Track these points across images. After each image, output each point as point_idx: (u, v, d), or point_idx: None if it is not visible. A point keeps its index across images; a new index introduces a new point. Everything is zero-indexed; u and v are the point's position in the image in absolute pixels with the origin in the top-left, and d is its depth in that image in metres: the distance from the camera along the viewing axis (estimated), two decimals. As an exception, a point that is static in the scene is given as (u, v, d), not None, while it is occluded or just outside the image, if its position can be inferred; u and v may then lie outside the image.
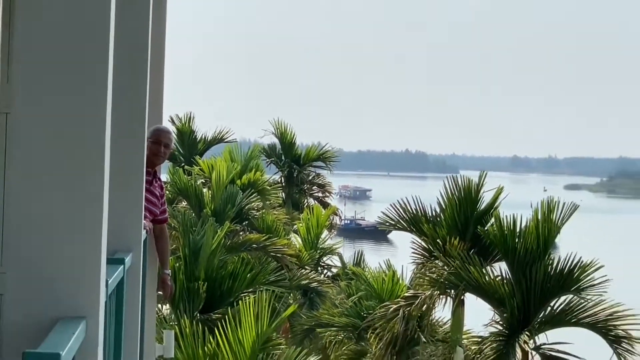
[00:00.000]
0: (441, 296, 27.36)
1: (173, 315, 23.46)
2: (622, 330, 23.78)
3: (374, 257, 39.50)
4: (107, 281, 5.27)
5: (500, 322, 24.73)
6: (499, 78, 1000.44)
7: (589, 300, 24.28)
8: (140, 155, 8.04)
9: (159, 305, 20.03)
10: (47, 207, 4.81)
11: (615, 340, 23.77)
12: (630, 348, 23.57)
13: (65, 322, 4.63)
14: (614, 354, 23.56)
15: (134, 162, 7.87)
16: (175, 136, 40.40)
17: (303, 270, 35.56)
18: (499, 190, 28.35)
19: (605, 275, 24.51)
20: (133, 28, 7.60)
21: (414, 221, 28.80)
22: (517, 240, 24.94)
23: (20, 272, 4.84)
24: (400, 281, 30.51)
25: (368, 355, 28.49)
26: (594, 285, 24.27)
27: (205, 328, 21.44)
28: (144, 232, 8.50)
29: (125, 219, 7.36)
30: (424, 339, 28.66)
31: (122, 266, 6.74)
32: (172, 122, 40.89)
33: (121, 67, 5.39)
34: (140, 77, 7.96)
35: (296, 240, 38.18)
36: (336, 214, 46.80)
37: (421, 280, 28.08)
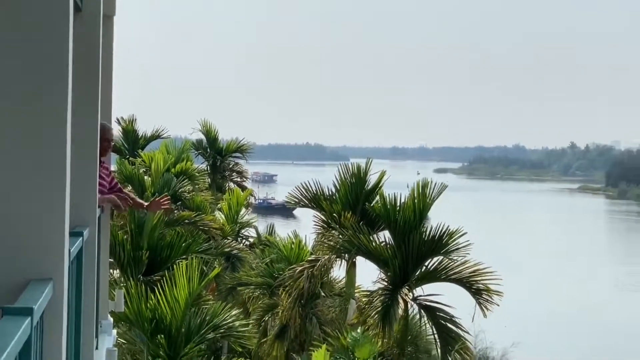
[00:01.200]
0: (337, 259, 27.54)
1: (122, 278, 23.34)
2: (482, 284, 24.08)
3: (283, 229, 39.68)
4: (69, 250, 5.27)
5: (385, 279, 24.92)
6: (384, 78, 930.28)
7: (455, 261, 24.58)
8: (94, 148, 8.01)
9: (111, 270, 19.92)
10: (21, 189, 4.82)
11: (476, 292, 24.07)
12: (489, 299, 23.89)
13: (36, 282, 4.64)
14: (476, 304, 23.89)
15: (88, 154, 7.83)
16: (120, 133, 40.45)
17: (226, 240, 35.61)
18: (382, 174, 28.69)
19: (468, 240, 24.84)
20: (86, 48, 7.55)
21: (315, 199, 29.05)
22: (397, 213, 25.13)
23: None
24: (304, 248, 30.60)
25: (279, 307, 28.50)
26: (459, 248, 24.57)
27: (148, 288, 21.32)
28: (98, 209, 8.50)
29: (84, 200, 7.31)
30: (324, 294, 28.84)
31: (81, 238, 6.70)
32: (118, 122, 40.70)
33: (78, 77, 5.35)
34: (93, 86, 7.93)
35: (220, 216, 38.19)
36: (252, 195, 47.52)
37: (321, 246, 28.28)
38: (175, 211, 32.86)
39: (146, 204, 14.42)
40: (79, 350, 6.92)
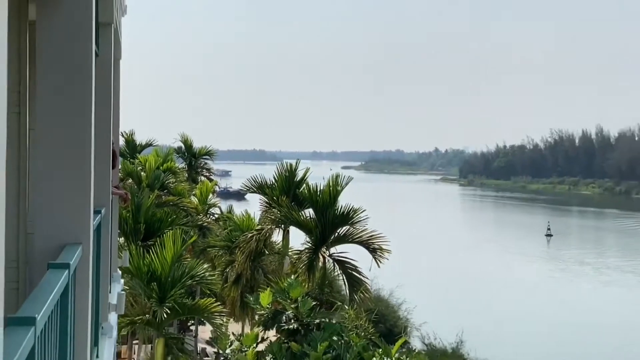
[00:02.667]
0: (276, 228, 27.55)
1: (126, 243, 23.16)
2: (377, 245, 24.23)
3: (238, 209, 39.61)
4: (93, 223, 5.23)
5: (310, 242, 24.94)
6: (308, 86, 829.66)
7: (358, 229, 24.71)
8: (107, 157, 8.03)
9: (119, 239, 19.77)
10: (62, 183, 4.81)
11: (372, 250, 24.20)
12: (382, 255, 24.07)
13: (70, 246, 4.61)
14: (373, 259, 24.05)
15: (104, 161, 7.81)
16: (123, 142, 40.28)
17: (199, 216, 35.81)
18: (306, 170, 28.80)
19: (367, 216, 24.99)
20: (102, 83, 7.50)
21: (260, 187, 29.11)
22: (317, 196, 25.18)
23: (43, 219, 4.81)
24: (253, 221, 30.67)
25: (235, 262, 28.48)
26: (360, 220, 24.68)
27: (144, 250, 21.20)
28: (112, 197, 8.57)
29: (101, 190, 7.27)
30: (267, 252, 28.89)
31: (100, 214, 6.68)
32: (122, 135, 40.57)
33: (98, 104, 5.32)
34: (106, 111, 7.90)
35: (194, 200, 38.36)
36: (216, 185, 47.98)
37: (265, 220, 28.31)
38: (163, 197, 32.94)
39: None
40: (98, 293, 6.87)
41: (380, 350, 19.29)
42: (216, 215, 40.68)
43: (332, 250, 24.59)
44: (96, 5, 5.17)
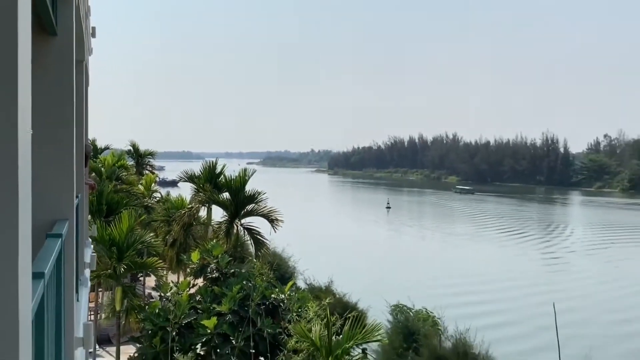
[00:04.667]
0: (202, 207, 27.17)
1: (93, 219, 22.34)
2: (274, 217, 24.19)
3: (173, 193, 38.80)
4: (76, 203, 5.08)
5: (227, 215, 24.72)
6: (221, 95, 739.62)
7: (261, 205, 24.62)
8: (81, 156, 7.74)
9: (88, 216, 19.08)
10: (53, 174, 4.63)
11: (271, 221, 24.18)
12: (277, 224, 24.04)
13: (60, 221, 4.45)
14: (271, 227, 24.04)
15: (79, 159, 7.56)
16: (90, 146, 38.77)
17: (145, 199, 34.70)
18: (224, 165, 28.45)
19: (268, 197, 24.95)
20: (78, 102, 7.25)
21: (191, 177, 28.59)
22: (231, 184, 24.99)
23: (41, 201, 4.62)
24: (185, 201, 30.09)
25: (172, 231, 27.91)
26: (262, 200, 24.60)
27: (106, 224, 20.54)
28: (86, 185, 8.23)
29: (79, 181, 7.05)
30: (195, 224, 28.39)
31: (79, 198, 6.45)
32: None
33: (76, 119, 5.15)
34: (79, 124, 7.65)
35: (142, 187, 37.19)
36: (157, 177, 46.72)
37: (194, 200, 27.83)
38: (118, 186, 31.85)
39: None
40: (78, 255, 6.65)
41: (277, 289, 19.42)
42: (157, 198, 39.71)
43: (243, 221, 24.49)
44: (76, 48, 5.00)
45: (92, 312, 23.98)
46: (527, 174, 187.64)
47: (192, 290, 20.17)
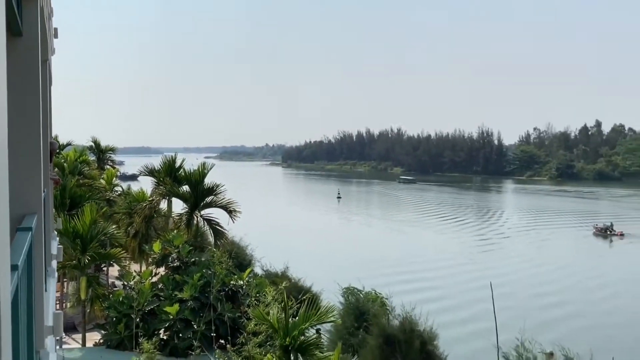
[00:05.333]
0: (163, 199, 26.73)
1: (57, 213, 21.69)
2: (232, 208, 23.99)
3: (135, 187, 37.99)
4: (43, 198, 4.95)
5: (187, 207, 24.42)
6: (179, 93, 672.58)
7: (219, 197, 24.41)
8: (47, 151, 7.52)
9: (54, 210, 18.58)
10: (23, 171, 4.49)
11: (229, 212, 24.01)
12: (235, 215, 23.80)
13: (29, 215, 4.33)
14: (229, 217, 23.87)
15: (45, 155, 7.35)
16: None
17: (107, 193, 33.90)
18: (183, 160, 28.00)
19: (226, 189, 24.71)
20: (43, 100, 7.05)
21: (151, 172, 28.08)
22: (191, 176, 24.68)
23: (10, 196, 4.48)
24: (146, 194, 29.48)
25: (134, 222, 27.36)
26: (221, 192, 24.41)
27: (70, 217, 19.99)
28: (52, 180, 8.00)
29: (46, 176, 6.87)
30: (156, 216, 27.90)
31: (45, 193, 6.29)
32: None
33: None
34: (45, 122, 7.43)
35: (104, 181, 36.31)
36: (118, 171, 45.61)
37: (155, 193, 27.34)
38: (81, 180, 31.00)
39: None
40: (46, 247, 6.48)
41: (236, 276, 19.33)
42: (119, 192, 38.77)
43: (202, 212, 24.25)
44: (41, 48, 4.85)
45: (58, 302, 23.32)
46: (465, 164, 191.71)
47: (155, 279, 19.89)
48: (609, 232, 66.44)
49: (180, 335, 17.25)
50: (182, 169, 26.50)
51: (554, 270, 48.47)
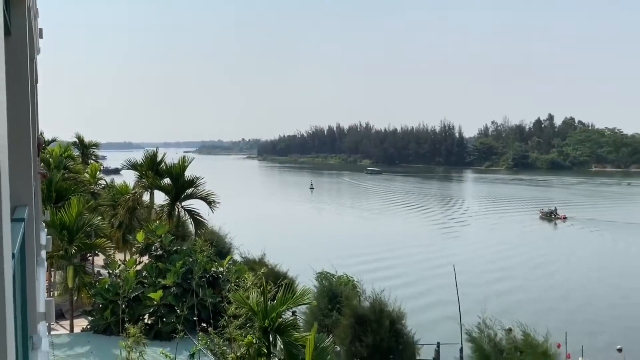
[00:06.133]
0: (145, 192, 26.38)
1: (44, 206, 21.26)
2: (211, 199, 23.79)
3: (118, 180, 37.40)
4: (33, 191, 4.85)
5: (169, 199, 24.16)
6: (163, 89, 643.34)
7: (199, 189, 24.19)
8: (35, 147, 7.37)
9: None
10: (17, 167, 4.38)
11: (209, 203, 23.80)
12: (214, 206, 23.59)
13: (20, 207, 4.25)
14: (209, 208, 23.63)
15: (33, 150, 7.19)
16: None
17: (91, 186, 33.32)
18: (164, 154, 27.63)
19: (206, 182, 24.45)
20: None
21: (134, 165, 27.55)
22: (172, 170, 24.41)
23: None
24: (129, 187, 29.03)
25: (118, 214, 26.94)
26: (200, 184, 24.15)
27: (57, 210, 19.61)
28: (39, 174, 7.84)
29: (35, 170, 6.74)
30: (139, 207, 27.52)
31: (34, 185, 6.17)
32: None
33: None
34: (33, 118, 7.26)
35: (88, 175, 35.67)
36: (101, 165, 44.85)
37: (137, 186, 26.96)
38: (66, 175, 30.40)
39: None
40: (37, 235, 6.36)
41: (216, 263, 19.24)
42: (102, 185, 38.12)
43: (184, 203, 24.04)
44: (29, 47, 4.73)
45: (46, 290, 22.88)
46: (429, 156, 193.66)
47: (139, 267, 19.66)
48: (553, 216, 69.65)
49: (164, 319, 17.14)
50: (163, 163, 26.15)
51: (507, 249, 50.72)
